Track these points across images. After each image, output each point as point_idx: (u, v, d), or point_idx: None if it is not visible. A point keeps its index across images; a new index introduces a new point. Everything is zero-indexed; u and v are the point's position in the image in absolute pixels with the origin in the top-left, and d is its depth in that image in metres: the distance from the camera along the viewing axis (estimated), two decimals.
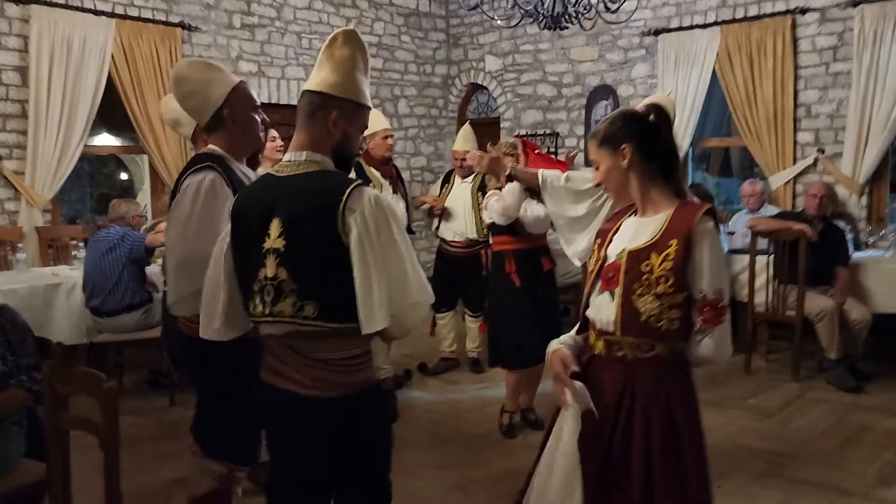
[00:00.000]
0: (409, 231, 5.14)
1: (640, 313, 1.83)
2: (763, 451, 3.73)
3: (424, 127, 8.90)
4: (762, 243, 5.21)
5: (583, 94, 7.85)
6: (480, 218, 4.93)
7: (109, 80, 6.21)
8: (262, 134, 2.55)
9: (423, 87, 8.85)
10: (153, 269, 4.80)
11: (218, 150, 2.44)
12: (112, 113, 6.77)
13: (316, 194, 1.83)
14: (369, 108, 2.03)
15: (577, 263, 3.76)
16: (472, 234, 5.19)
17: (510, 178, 3.80)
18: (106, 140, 10.46)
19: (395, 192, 4.78)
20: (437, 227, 5.37)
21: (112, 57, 6.19)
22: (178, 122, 2.98)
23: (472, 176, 5.16)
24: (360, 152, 4.88)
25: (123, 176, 11.03)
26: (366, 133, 4.62)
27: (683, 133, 7.01)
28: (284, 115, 7.81)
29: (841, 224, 5.81)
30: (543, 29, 4.95)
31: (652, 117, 1.93)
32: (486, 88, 8.80)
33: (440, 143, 9.10)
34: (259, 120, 2.51)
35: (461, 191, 5.25)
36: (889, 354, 5.26)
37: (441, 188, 5.43)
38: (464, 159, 5.08)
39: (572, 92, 7.95)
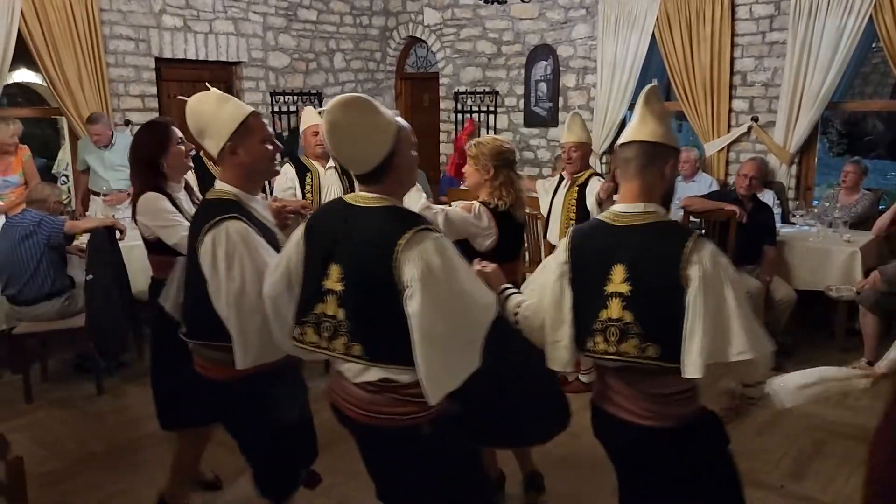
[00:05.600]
0: None
1: None
2: None
3: (362, 81, 8.64)
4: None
5: (522, 52, 7.71)
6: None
7: (21, 40, 5.81)
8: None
9: (360, 40, 8.56)
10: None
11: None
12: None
13: (663, 245, 1.94)
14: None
15: None
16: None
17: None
18: (24, 76, 9.83)
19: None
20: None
21: (22, 14, 5.77)
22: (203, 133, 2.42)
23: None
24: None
25: None
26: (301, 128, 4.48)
27: (622, 97, 7.00)
28: (213, 71, 7.49)
29: (769, 195, 5.95)
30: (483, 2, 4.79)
31: None
32: (424, 42, 8.56)
33: (378, 98, 8.82)
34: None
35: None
36: (809, 329, 5.49)
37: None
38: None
39: (512, 50, 7.80)
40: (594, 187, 4.28)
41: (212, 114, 2.31)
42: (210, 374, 2.40)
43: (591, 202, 4.26)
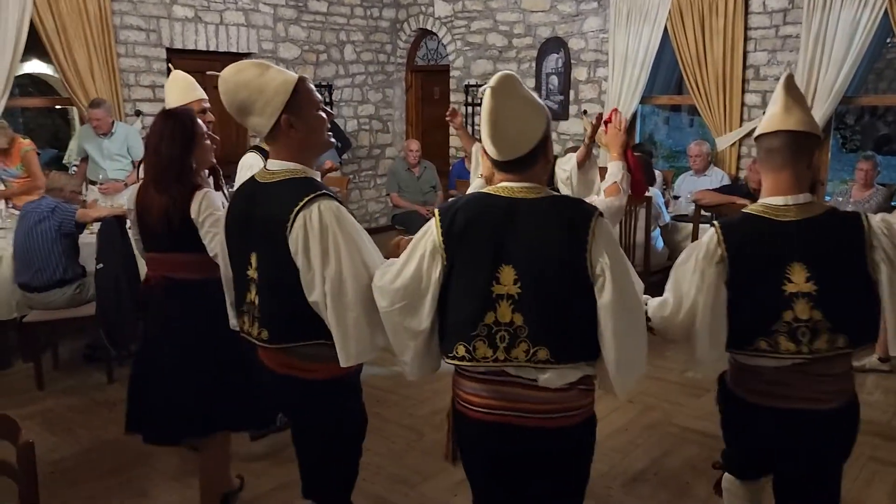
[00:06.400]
0: None
1: None
2: (697, 432, 3.84)
3: (372, 73, 8.63)
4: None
5: (534, 45, 7.68)
6: None
7: (32, 30, 5.83)
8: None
9: (371, 32, 8.54)
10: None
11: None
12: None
13: (841, 235, 1.94)
14: None
15: None
16: None
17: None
18: (36, 67, 9.87)
19: (217, 188, 2.93)
20: None
21: (34, 4, 5.79)
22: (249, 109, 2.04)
23: None
24: None
25: None
26: (171, 106, 3.01)
27: (634, 90, 6.96)
28: (225, 62, 7.47)
29: None
30: None
31: None
32: (435, 35, 8.54)
33: (388, 91, 8.86)
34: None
35: None
36: None
37: None
38: None
39: (523, 43, 7.77)
40: (564, 161, 4.02)
41: (257, 85, 1.97)
42: (313, 375, 2.10)
43: (563, 175, 3.97)
